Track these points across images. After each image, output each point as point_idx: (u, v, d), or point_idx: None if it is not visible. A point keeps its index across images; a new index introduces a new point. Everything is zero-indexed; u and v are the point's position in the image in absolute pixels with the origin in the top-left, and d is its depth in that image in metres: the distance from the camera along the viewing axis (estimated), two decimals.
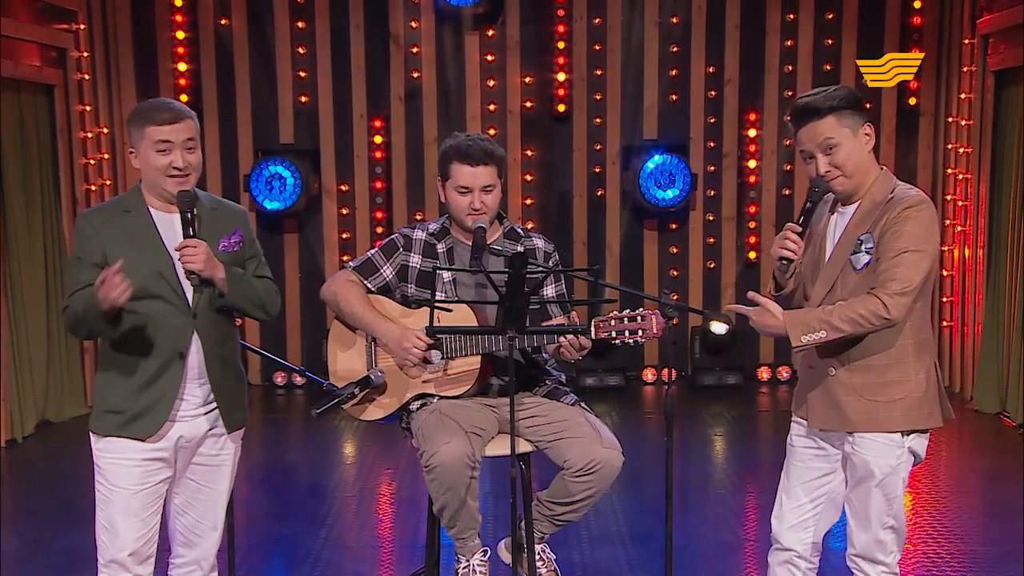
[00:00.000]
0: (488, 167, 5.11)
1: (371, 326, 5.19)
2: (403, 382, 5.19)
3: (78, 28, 10.16)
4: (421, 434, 5.00)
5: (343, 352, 5.34)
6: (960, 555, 7.09)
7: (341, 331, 5.33)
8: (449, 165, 5.13)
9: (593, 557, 6.63)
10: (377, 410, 5.24)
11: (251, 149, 11.00)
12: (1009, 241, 9.66)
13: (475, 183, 5.07)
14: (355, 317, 5.23)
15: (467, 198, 5.10)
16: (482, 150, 5.10)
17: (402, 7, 10.93)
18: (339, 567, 6.78)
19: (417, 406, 5.14)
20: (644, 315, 4.92)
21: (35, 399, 9.61)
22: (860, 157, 4.26)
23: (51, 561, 6.84)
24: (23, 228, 9.41)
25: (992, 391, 9.85)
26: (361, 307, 5.20)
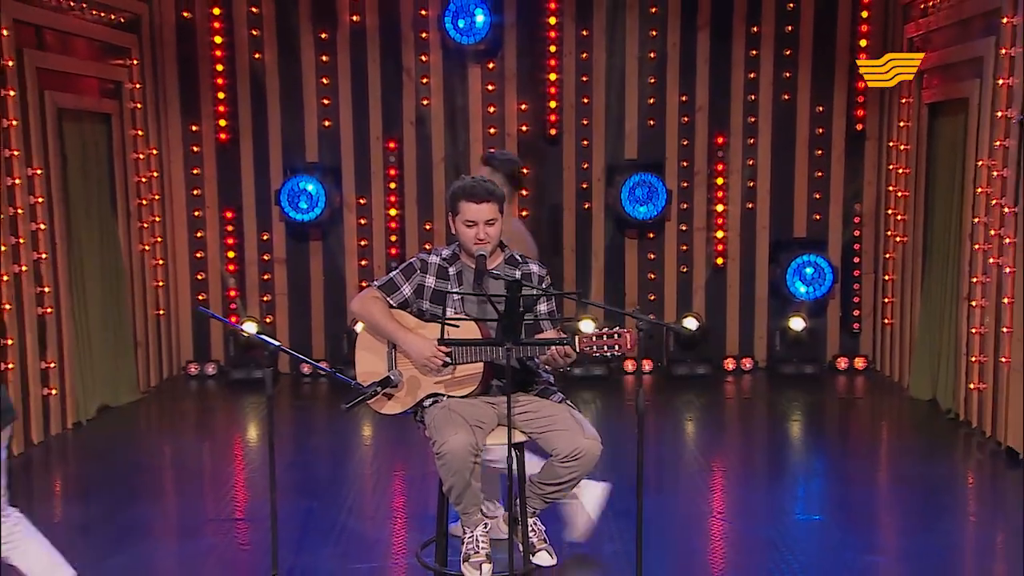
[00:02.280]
0: (490, 204, 5.26)
1: (394, 336, 5.32)
2: (417, 382, 5.34)
3: (131, 63, 10.22)
4: (433, 426, 5.15)
5: (368, 356, 5.45)
6: (893, 522, 7.28)
7: (367, 339, 5.45)
8: (458, 203, 5.27)
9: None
10: (396, 405, 5.38)
11: (281, 167, 10.97)
12: (940, 249, 9.68)
13: (480, 218, 5.23)
14: (379, 328, 5.36)
15: (473, 230, 5.25)
16: (485, 190, 5.28)
17: (413, 43, 10.88)
18: (361, 536, 6.89)
19: (430, 403, 5.30)
20: (620, 333, 5.07)
21: (96, 386, 9.59)
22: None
23: (113, 533, 6.93)
24: (85, 236, 9.43)
25: (925, 380, 9.90)
26: (384, 320, 5.34)
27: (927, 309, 9.94)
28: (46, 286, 8.74)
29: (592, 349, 5.03)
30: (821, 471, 8.61)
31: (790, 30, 10.87)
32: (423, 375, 5.34)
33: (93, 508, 7.34)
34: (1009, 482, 7.83)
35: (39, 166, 8.62)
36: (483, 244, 5.28)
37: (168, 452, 9.03)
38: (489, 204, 5.26)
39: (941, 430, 9.13)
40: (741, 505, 7.66)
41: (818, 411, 10.13)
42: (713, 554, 6.73)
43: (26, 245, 8.47)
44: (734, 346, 11.36)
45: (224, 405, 10.47)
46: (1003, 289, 8.34)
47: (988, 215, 8.63)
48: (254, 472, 8.45)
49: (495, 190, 5.33)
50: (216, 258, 11.18)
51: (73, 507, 7.56)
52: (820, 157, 11.09)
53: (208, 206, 11.12)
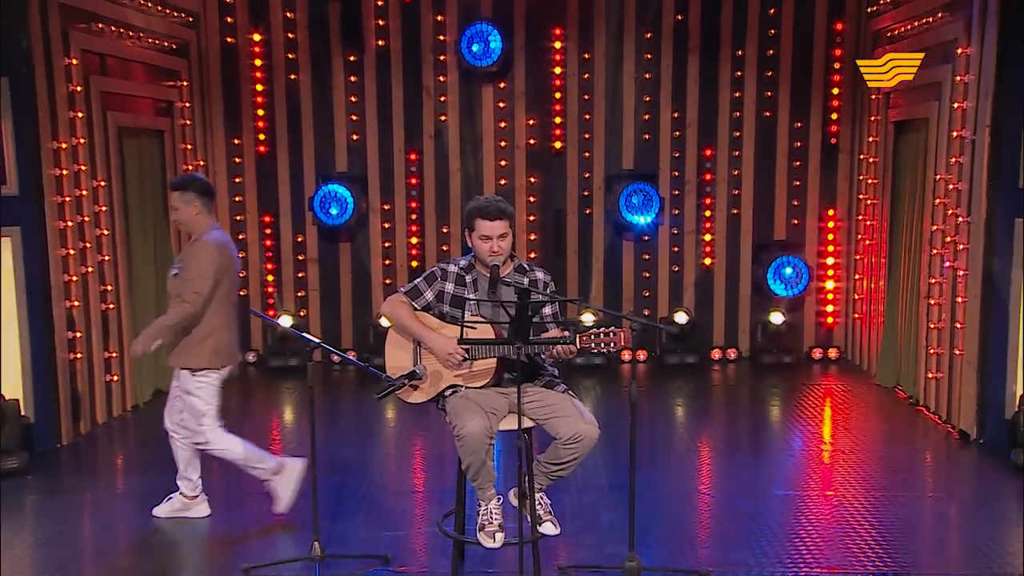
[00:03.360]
0: (503, 220, 5.32)
1: (419, 335, 5.39)
2: (439, 375, 5.39)
3: (181, 85, 10.34)
4: (453, 412, 5.19)
5: (396, 352, 5.51)
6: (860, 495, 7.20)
7: (395, 337, 5.52)
8: (474, 220, 5.34)
9: (579, 501, 6.79)
10: (421, 395, 5.43)
11: (314, 176, 11.01)
12: (903, 252, 9.73)
13: (493, 233, 5.30)
14: (406, 328, 5.43)
15: (487, 244, 5.32)
16: (498, 208, 5.34)
17: (432, 65, 10.90)
18: (387, 507, 6.99)
19: (450, 393, 5.36)
20: (615, 331, 5.09)
21: (150, 373, 9.64)
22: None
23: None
24: (139, 238, 9.51)
25: (890, 369, 9.92)
26: (410, 321, 5.41)
27: (891, 306, 9.98)
28: (108, 285, 8.88)
29: (590, 346, 5.10)
30: (797, 451, 8.59)
31: (771, 53, 10.91)
32: (445, 369, 5.38)
33: (151, 480, 7.41)
34: (961, 460, 8.04)
35: (102, 178, 8.76)
36: (497, 255, 5.33)
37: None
38: (501, 221, 5.32)
39: (903, 414, 9.21)
40: (724, 481, 7.72)
41: (795, 397, 10.04)
42: (699, 525, 6.83)
43: (92, 249, 8.59)
44: (720, 338, 11.35)
45: (262, 390, 10.45)
46: (957, 289, 8.43)
47: (945, 224, 8.69)
48: (288, 450, 8.37)
49: (506, 208, 5.37)
50: (255, 258, 11.23)
51: (134, 479, 7.72)
52: (798, 168, 11.13)
53: (248, 211, 11.20)
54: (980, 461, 7.93)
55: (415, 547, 6.33)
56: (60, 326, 8.24)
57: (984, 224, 8.08)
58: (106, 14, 8.98)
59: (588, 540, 6.26)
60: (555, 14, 10.92)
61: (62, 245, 8.25)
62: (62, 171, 8.22)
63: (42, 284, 8.03)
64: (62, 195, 8.23)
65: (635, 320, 5.10)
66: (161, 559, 6.19)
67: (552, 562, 5.88)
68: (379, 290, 11.24)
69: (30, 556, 6.30)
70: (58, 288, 8.19)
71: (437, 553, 6.08)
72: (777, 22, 10.91)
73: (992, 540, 6.38)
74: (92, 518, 7.08)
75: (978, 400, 8.21)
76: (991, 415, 8.09)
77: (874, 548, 6.28)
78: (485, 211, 5.32)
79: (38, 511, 7.09)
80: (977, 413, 8.23)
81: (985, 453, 8.01)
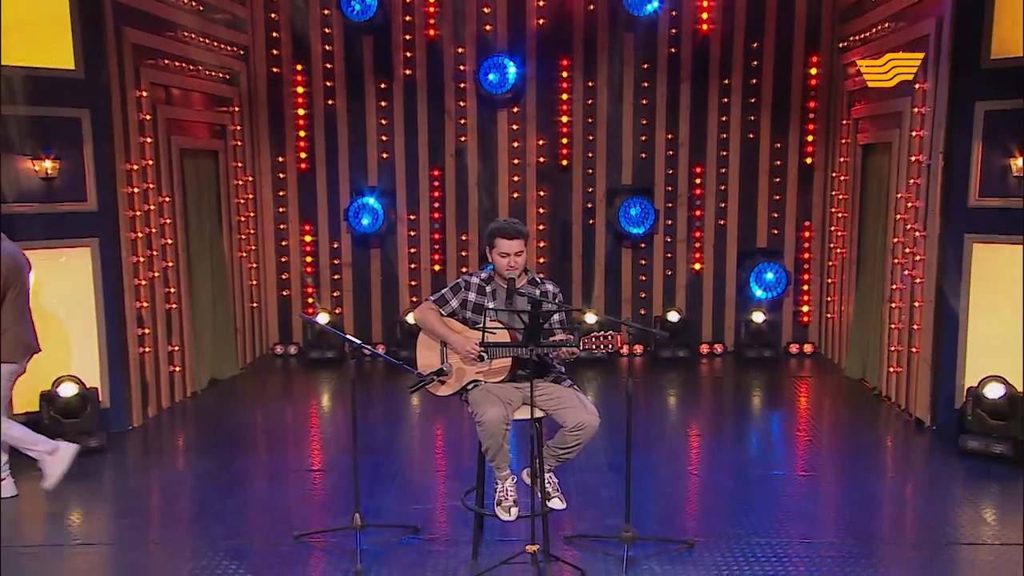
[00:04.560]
0: (519, 240, 5.40)
1: (444, 336, 5.48)
2: (463, 372, 5.49)
3: (233, 110, 10.41)
4: (475, 403, 5.30)
5: (425, 351, 5.60)
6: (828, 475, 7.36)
7: (425, 339, 5.60)
8: (494, 239, 5.43)
9: (582, 479, 6.84)
10: (446, 389, 5.52)
11: (348, 190, 11.06)
12: (869, 260, 9.77)
13: (511, 250, 5.39)
14: (434, 331, 5.52)
15: (506, 260, 5.40)
16: (515, 229, 5.42)
17: (454, 92, 10.95)
18: (414, 483, 7.07)
19: (472, 386, 5.46)
20: (613, 335, 5.15)
21: (207, 364, 9.80)
22: None
23: (226, 479, 7.19)
24: (198, 246, 9.59)
25: (857, 364, 9.93)
26: (438, 325, 5.50)
27: (859, 308, 9.99)
28: (171, 287, 8.96)
29: (592, 347, 5.16)
30: (774, 435, 8.63)
31: (755, 82, 10.96)
32: (467, 367, 5.46)
33: (209, 460, 7.60)
34: (917, 445, 8.06)
35: (167, 194, 8.86)
36: (513, 269, 5.41)
37: (260, 416, 9.14)
38: (518, 240, 5.39)
39: (868, 403, 9.22)
40: (710, 462, 7.75)
41: (774, 387, 10.07)
42: (687, 500, 6.90)
43: (158, 256, 8.69)
44: (708, 334, 11.37)
45: (302, 379, 10.46)
46: (915, 295, 8.51)
47: (904, 236, 8.73)
48: (327, 433, 8.60)
49: (522, 229, 5.44)
50: (296, 262, 11.31)
51: (194, 458, 7.79)
52: (778, 184, 11.15)
53: (290, 220, 11.26)
54: (933, 445, 7.95)
55: (440, 519, 6.36)
56: (131, 324, 8.31)
57: (938, 238, 8.09)
58: (171, 51, 9.03)
59: (590, 514, 6.29)
60: (563, 46, 10.93)
61: (133, 253, 8.31)
62: (133, 189, 8.30)
63: (116, 287, 8.11)
64: (133, 210, 8.31)
65: (631, 325, 5.30)
66: (222, 526, 6.23)
67: (559, 532, 5.92)
68: (405, 291, 11.29)
69: (111, 523, 6.45)
70: (130, 291, 8.27)
71: (460, 524, 6.13)
72: (759, 55, 10.94)
73: (941, 513, 6.48)
74: (160, 490, 7.15)
75: (932, 392, 8.24)
76: (943, 405, 8.12)
77: (841, 521, 6.38)
78: (504, 231, 5.42)
79: (115, 484, 7.20)
80: (931, 403, 8.26)
81: (937, 438, 8.04)
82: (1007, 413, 7.53)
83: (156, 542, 6.16)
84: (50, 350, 7.47)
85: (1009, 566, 5.68)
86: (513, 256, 5.43)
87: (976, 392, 7.69)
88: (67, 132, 7.72)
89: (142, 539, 6.19)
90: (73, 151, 7.77)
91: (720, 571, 5.58)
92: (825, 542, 6.00)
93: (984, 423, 7.59)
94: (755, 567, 5.63)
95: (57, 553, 5.96)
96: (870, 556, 5.80)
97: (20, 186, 7.55)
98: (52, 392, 7.69)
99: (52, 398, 7.68)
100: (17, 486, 6.81)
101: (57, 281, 7.85)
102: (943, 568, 5.76)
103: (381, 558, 5.74)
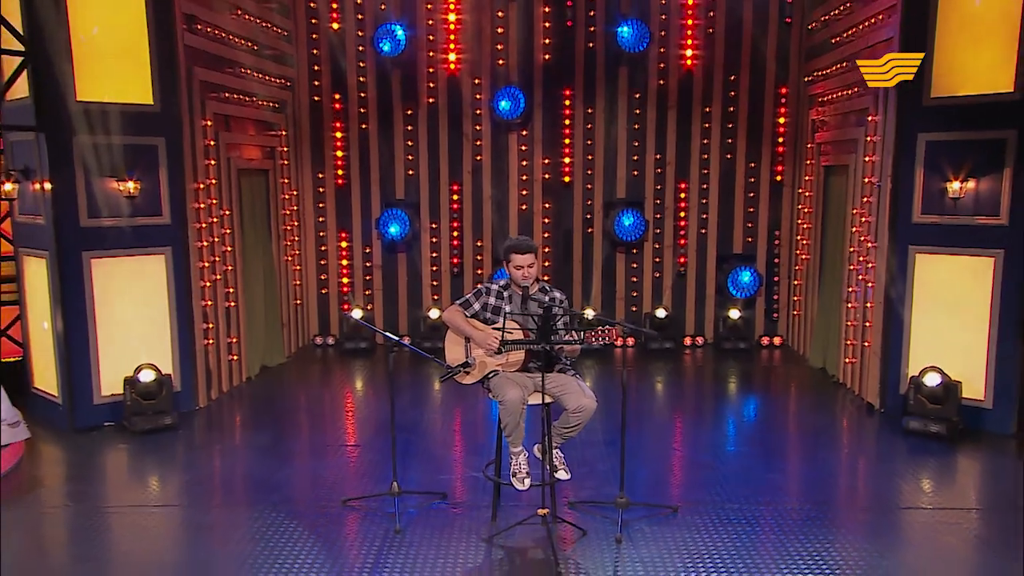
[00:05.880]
0: (530, 254, 5.48)
1: (469, 333, 5.57)
2: (484, 364, 5.56)
3: (281, 134, 10.48)
4: (497, 387, 5.40)
5: (453, 347, 5.67)
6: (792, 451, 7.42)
7: (452, 336, 5.67)
8: (510, 254, 5.52)
9: (583, 454, 6.89)
10: (470, 378, 5.59)
11: (379, 202, 11.14)
12: (830, 266, 9.76)
13: (524, 263, 5.48)
14: (460, 329, 5.60)
15: (520, 271, 5.49)
16: (527, 245, 5.50)
17: (471, 117, 10.98)
18: (438, 457, 7.13)
19: (492, 375, 5.54)
20: (610, 331, 5.21)
21: (258, 353, 9.86)
22: None
23: (278, 454, 7.24)
24: (251, 252, 9.66)
25: (819, 355, 9.98)
26: (463, 324, 5.59)
27: (821, 306, 10.02)
28: (230, 288, 9.05)
29: (593, 341, 5.22)
30: (747, 416, 8.60)
31: (732, 110, 10.98)
32: (488, 359, 5.52)
33: (262, 435, 7.69)
34: (868, 425, 8.09)
35: (227, 208, 8.94)
36: (526, 279, 5.51)
37: (304, 398, 9.06)
38: (530, 254, 5.47)
39: (827, 389, 9.23)
40: (690, 440, 7.76)
41: (747, 375, 10.04)
42: (671, 472, 6.94)
43: (219, 262, 8.81)
44: (691, 328, 11.41)
45: (339, 366, 10.39)
46: (868, 297, 8.57)
47: (859, 246, 8.76)
48: (361, 413, 8.55)
49: (532, 245, 5.50)
50: (334, 264, 11.35)
51: (250, 434, 7.86)
52: (752, 198, 11.19)
53: (328, 229, 11.30)
54: (881, 425, 7.98)
55: (464, 487, 6.42)
56: (198, 320, 8.41)
57: (887, 249, 8.13)
58: (230, 85, 9.15)
59: (589, 483, 6.37)
60: (566, 79, 10.96)
61: (199, 260, 8.41)
62: (200, 204, 8.39)
63: (186, 289, 8.21)
64: (200, 222, 8.40)
65: (625, 325, 5.44)
66: (276, 491, 6.30)
67: (564, 499, 6.04)
68: (428, 290, 11.30)
69: (184, 491, 6.54)
70: (196, 292, 8.37)
71: (480, 492, 6.25)
72: (736, 87, 10.96)
73: (887, 482, 6.60)
74: (222, 461, 7.19)
75: (880, 380, 8.29)
76: (890, 391, 8.17)
77: (802, 488, 6.49)
78: (518, 248, 5.53)
79: (185, 455, 7.29)
80: (880, 390, 8.31)
81: (885, 420, 8.09)
82: (943, 398, 7.62)
83: (220, 504, 6.24)
84: (132, 342, 7.73)
85: (942, 525, 5.83)
86: (526, 268, 5.51)
87: (917, 380, 7.74)
88: (146, 157, 7.84)
89: (208, 502, 6.29)
90: (151, 173, 7.89)
91: (700, 531, 5.68)
92: (789, 507, 6.08)
93: (924, 407, 7.67)
94: (729, 528, 5.74)
95: (139, 512, 6.09)
96: (827, 518, 5.89)
97: (109, 204, 7.73)
98: (134, 378, 7.86)
99: (134, 383, 7.84)
100: (103, 457, 6.96)
101: (138, 284, 8.00)
102: (888, 527, 5.83)
103: (415, 519, 5.85)
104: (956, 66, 7.42)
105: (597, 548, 5.51)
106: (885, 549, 5.54)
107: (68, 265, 7.63)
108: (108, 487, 6.60)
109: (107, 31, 7.45)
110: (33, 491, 6.45)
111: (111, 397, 7.87)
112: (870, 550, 5.51)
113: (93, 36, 7.39)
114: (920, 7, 7.55)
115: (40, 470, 6.92)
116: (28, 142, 7.56)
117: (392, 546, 5.53)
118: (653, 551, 5.47)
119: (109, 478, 6.80)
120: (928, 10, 7.50)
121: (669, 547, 5.53)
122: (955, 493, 6.60)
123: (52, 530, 5.91)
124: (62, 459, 7.18)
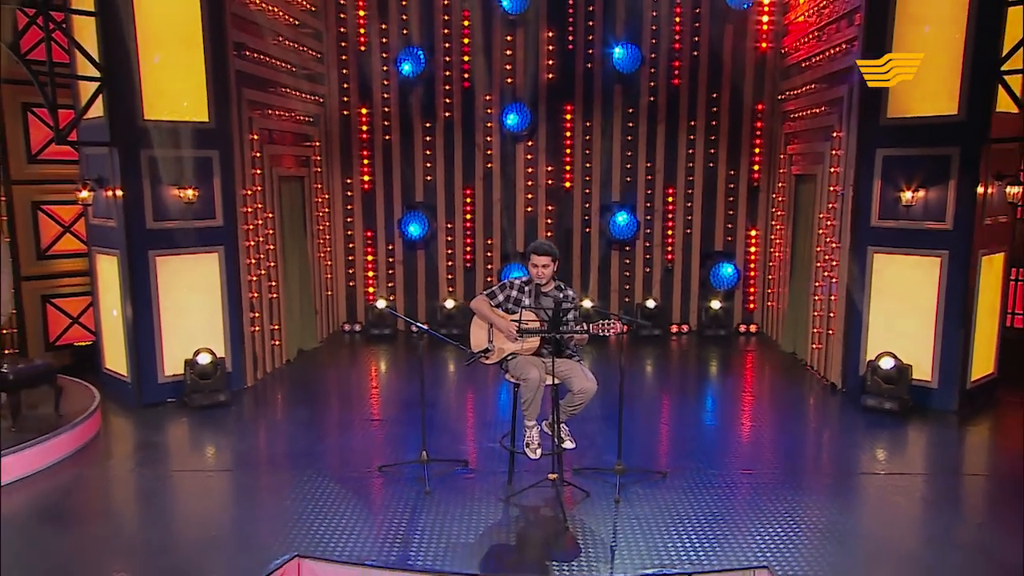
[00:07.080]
0: (546, 256, 5.61)
1: (492, 320, 5.66)
2: (503, 349, 5.69)
3: (314, 144, 10.58)
4: (517, 368, 5.52)
5: (477, 331, 5.76)
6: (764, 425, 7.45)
7: (477, 322, 5.75)
8: (530, 255, 5.66)
9: (584, 428, 6.83)
10: (491, 361, 5.71)
11: (400, 204, 11.23)
12: (799, 264, 9.75)
13: (539, 263, 5.61)
14: (485, 316, 5.70)
15: (535, 269, 5.63)
16: (544, 249, 5.63)
17: (482, 129, 11.06)
18: (460, 430, 7.23)
19: (511, 358, 5.67)
20: (613, 323, 5.34)
21: (296, 338, 9.95)
22: None
23: (317, 428, 7.33)
24: (289, 250, 9.69)
25: (790, 339, 10.10)
26: (488, 312, 5.69)
27: (791, 298, 10.16)
28: (272, 282, 9.19)
29: (598, 331, 5.36)
30: (725, 395, 8.66)
31: (714, 124, 11.06)
32: (507, 344, 5.65)
33: (301, 410, 7.76)
34: (831, 403, 8.19)
35: (270, 212, 9.09)
36: (542, 277, 5.64)
37: (335, 378, 9.17)
38: (546, 256, 5.59)
39: (797, 371, 9.33)
40: (676, 415, 7.87)
41: (726, 359, 10.09)
42: (660, 443, 7.09)
43: (263, 259, 8.94)
44: (677, 317, 11.47)
45: (365, 351, 10.43)
46: (832, 290, 8.69)
47: (825, 246, 8.89)
48: (386, 392, 8.64)
49: (549, 249, 5.59)
50: (360, 260, 11.44)
51: (291, 411, 7.90)
52: (732, 201, 11.25)
53: (355, 228, 11.39)
54: (843, 403, 8.08)
55: (483, 456, 6.54)
56: (246, 309, 8.54)
57: (849, 249, 8.23)
58: (273, 103, 9.30)
59: (592, 452, 6.48)
60: (567, 95, 11.03)
61: (247, 257, 8.53)
62: (247, 209, 8.52)
63: (235, 282, 8.32)
64: (247, 224, 8.53)
65: (623, 318, 5.42)
66: (321, 462, 6.37)
67: (570, 465, 6.18)
68: (444, 284, 11.37)
69: (233, 455, 6.70)
70: (244, 285, 8.49)
71: (497, 460, 6.37)
72: (718, 103, 11.03)
73: (847, 452, 6.76)
74: (267, 433, 7.30)
75: (842, 363, 8.38)
76: (850, 373, 8.25)
77: (774, 457, 6.59)
78: (537, 249, 5.68)
79: (236, 427, 7.41)
80: (842, 372, 8.41)
81: (846, 399, 8.19)
82: (896, 379, 7.76)
83: (266, 471, 6.32)
84: (191, 329, 7.90)
85: (893, 488, 6.00)
86: (540, 267, 5.65)
87: (874, 364, 7.85)
88: (202, 168, 7.98)
89: (256, 467, 6.40)
90: (206, 182, 8.03)
91: (686, 493, 5.85)
92: (762, 472, 6.24)
93: (879, 387, 7.79)
94: (711, 490, 5.89)
95: (198, 476, 6.24)
96: (795, 482, 6.05)
97: (171, 208, 7.90)
98: (193, 360, 8.03)
99: (193, 364, 8.01)
100: (166, 429, 7.07)
101: (195, 278, 8.12)
102: (848, 490, 5.96)
103: (442, 483, 6.00)
104: (910, 90, 7.55)
105: (599, 507, 5.66)
106: (845, 508, 5.69)
107: (136, 262, 7.79)
108: (171, 455, 6.73)
109: (168, 59, 7.63)
110: (108, 459, 6.63)
111: (173, 377, 8.03)
112: (832, 509, 5.66)
113: (155, 64, 7.58)
114: (879, 37, 7.66)
115: (112, 440, 7.08)
116: (101, 156, 7.76)
117: (424, 505, 5.69)
118: (647, 510, 5.63)
119: (172, 447, 6.91)
120: (885, 41, 7.62)
121: (660, 506, 5.69)
122: (905, 461, 6.74)
123: (124, 491, 6.08)
124: (131, 431, 7.33)
